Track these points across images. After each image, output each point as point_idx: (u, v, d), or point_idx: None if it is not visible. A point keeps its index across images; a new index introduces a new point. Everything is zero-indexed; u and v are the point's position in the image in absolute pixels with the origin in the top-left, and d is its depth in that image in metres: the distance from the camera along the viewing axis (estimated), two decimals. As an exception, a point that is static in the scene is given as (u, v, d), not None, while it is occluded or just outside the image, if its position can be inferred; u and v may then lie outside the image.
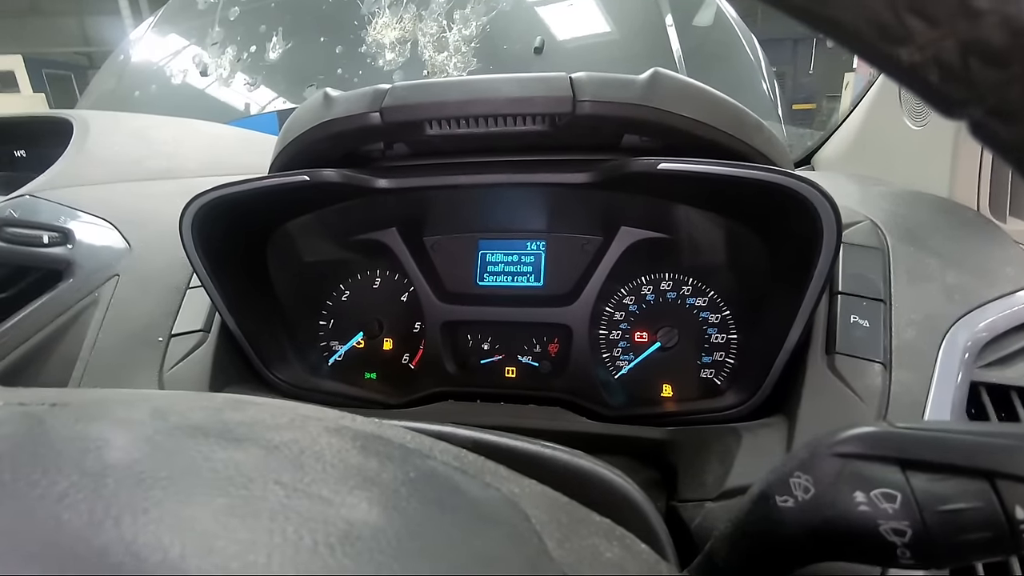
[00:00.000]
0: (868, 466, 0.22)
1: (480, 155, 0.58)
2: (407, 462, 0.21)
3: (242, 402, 0.24)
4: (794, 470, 0.24)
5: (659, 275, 0.60)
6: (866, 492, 0.22)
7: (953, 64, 0.11)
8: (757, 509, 0.25)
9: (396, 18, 1.55)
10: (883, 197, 0.61)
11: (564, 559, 0.19)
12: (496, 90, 0.49)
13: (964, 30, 0.11)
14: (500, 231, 0.65)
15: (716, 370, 0.58)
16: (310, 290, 0.68)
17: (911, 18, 0.11)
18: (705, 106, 0.49)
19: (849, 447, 0.23)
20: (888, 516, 0.21)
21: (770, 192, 0.46)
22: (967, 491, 0.21)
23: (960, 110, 0.12)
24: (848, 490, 0.22)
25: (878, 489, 0.22)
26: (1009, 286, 0.50)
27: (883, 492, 0.22)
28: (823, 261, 0.45)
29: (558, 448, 0.31)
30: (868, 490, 0.22)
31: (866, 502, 0.22)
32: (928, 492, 0.21)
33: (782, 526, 0.24)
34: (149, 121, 1.05)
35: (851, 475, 0.22)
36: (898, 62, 0.12)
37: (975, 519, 0.20)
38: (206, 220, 0.56)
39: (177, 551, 0.14)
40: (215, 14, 1.78)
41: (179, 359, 0.60)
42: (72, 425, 0.19)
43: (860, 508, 0.22)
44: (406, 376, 0.65)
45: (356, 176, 0.55)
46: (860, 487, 0.22)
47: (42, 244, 0.69)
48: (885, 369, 0.46)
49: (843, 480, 0.22)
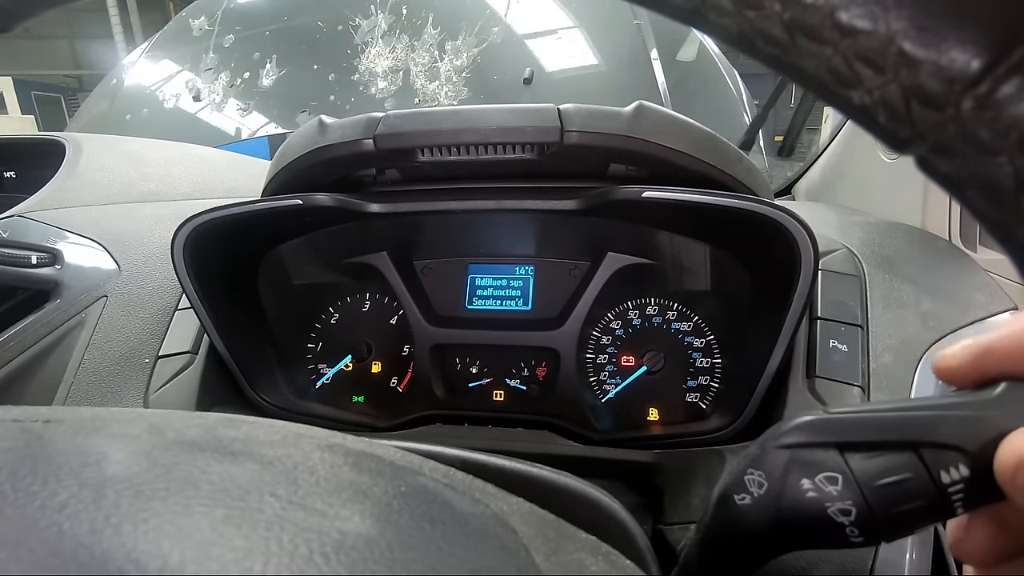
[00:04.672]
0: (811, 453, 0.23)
1: (470, 181, 0.59)
2: (398, 478, 0.22)
3: (235, 420, 0.24)
4: (747, 467, 0.25)
5: (645, 300, 0.62)
6: (811, 478, 0.23)
7: (897, 106, 0.13)
8: (719, 511, 0.26)
9: (389, 48, 1.59)
10: (859, 226, 0.63)
11: (551, 572, 0.19)
12: (487, 120, 0.50)
13: (904, 77, 0.12)
14: (489, 256, 0.66)
15: (701, 394, 0.59)
16: (299, 313, 0.68)
17: (860, 66, 0.13)
18: (688, 137, 0.51)
19: (792, 437, 0.24)
20: (833, 498, 0.22)
21: (751, 220, 0.48)
22: (897, 464, 0.22)
23: (906, 146, 0.13)
24: (796, 478, 0.23)
25: (822, 473, 0.23)
26: (981, 312, 0.52)
27: (826, 475, 0.23)
28: (802, 287, 0.47)
29: (545, 468, 0.32)
30: (813, 476, 0.23)
31: (813, 487, 0.23)
32: (864, 470, 0.22)
33: (744, 523, 0.25)
34: (141, 144, 1.05)
35: (797, 464, 0.23)
36: (851, 103, 0.13)
37: (909, 489, 0.21)
38: (198, 242, 0.57)
39: (177, 558, 0.14)
40: (210, 40, 1.81)
41: (166, 381, 0.60)
42: (70, 440, 0.20)
43: (808, 494, 0.23)
44: (394, 399, 0.65)
45: (349, 200, 0.56)
46: (806, 474, 0.23)
47: (30, 264, 0.69)
48: (863, 392, 0.47)
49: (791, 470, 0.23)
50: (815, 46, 0.13)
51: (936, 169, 0.13)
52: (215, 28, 1.82)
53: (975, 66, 0.12)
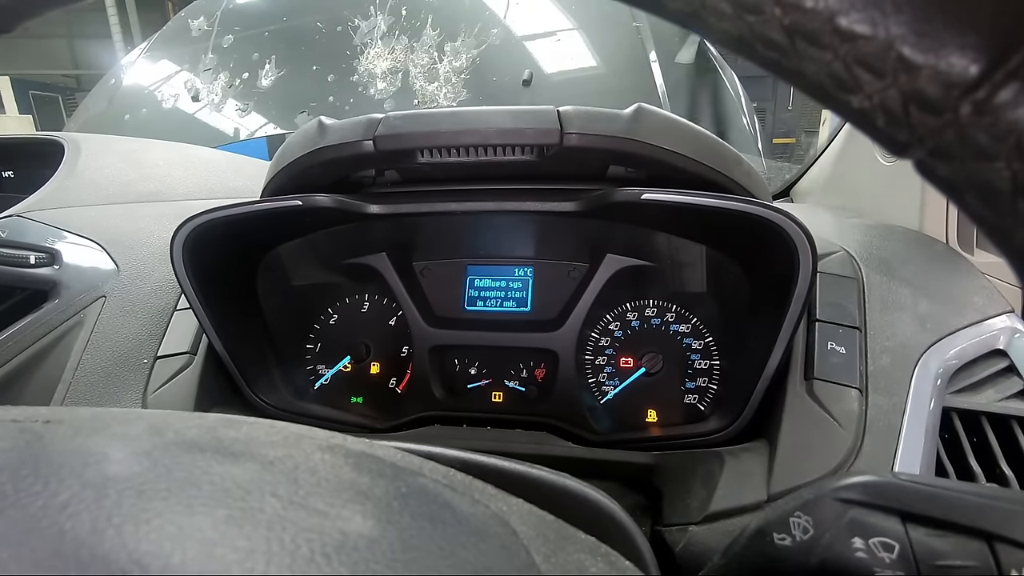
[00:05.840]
0: (869, 514, 0.23)
1: (470, 183, 0.59)
2: (398, 478, 0.22)
3: (235, 421, 0.24)
4: (795, 509, 0.24)
5: (644, 302, 0.62)
6: (865, 539, 0.22)
7: (896, 110, 0.13)
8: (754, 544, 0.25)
9: (388, 49, 1.59)
10: (857, 229, 0.64)
11: (551, 572, 0.19)
12: (487, 121, 0.50)
13: (904, 82, 0.12)
14: (488, 257, 0.66)
15: (700, 395, 0.59)
16: (298, 314, 0.68)
17: (859, 70, 0.13)
18: (686, 140, 0.51)
19: (852, 493, 0.23)
20: (885, 565, 0.22)
21: (749, 223, 0.48)
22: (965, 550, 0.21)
23: (905, 150, 0.14)
24: (847, 535, 0.22)
25: (877, 538, 0.22)
26: (977, 315, 0.52)
27: (882, 541, 0.22)
28: (800, 289, 0.47)
29: (544, 469, 0.32)
30: (867, 537, 0.22)
31: (864, 549, 0.22)
32: (926, 546, 0.21)
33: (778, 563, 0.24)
34: (140, 144, 1.05)
35: (852, 521, 0.23)
36: (850, 108, 0.14)
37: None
38: (197, 242, 0.57)
39: (178, 558, 0.14)
40: (209, 41, 1.81)
41: (164, 381, 0.60)
42: (70, 440, 0.20)
43: (858, 554, 0.22)
44: (393, 400, 0.65)
45: (348, 201, 0.57)
46: (859, 534, 0.22)
47: (29, 264, 0.68)
48: (861, 394, 0.48)
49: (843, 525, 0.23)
50: (815, 51, 0.13)
51: (934, 173, 0.13)
52: (214, 28, 1.82)
53: (973, 71, 0.12)
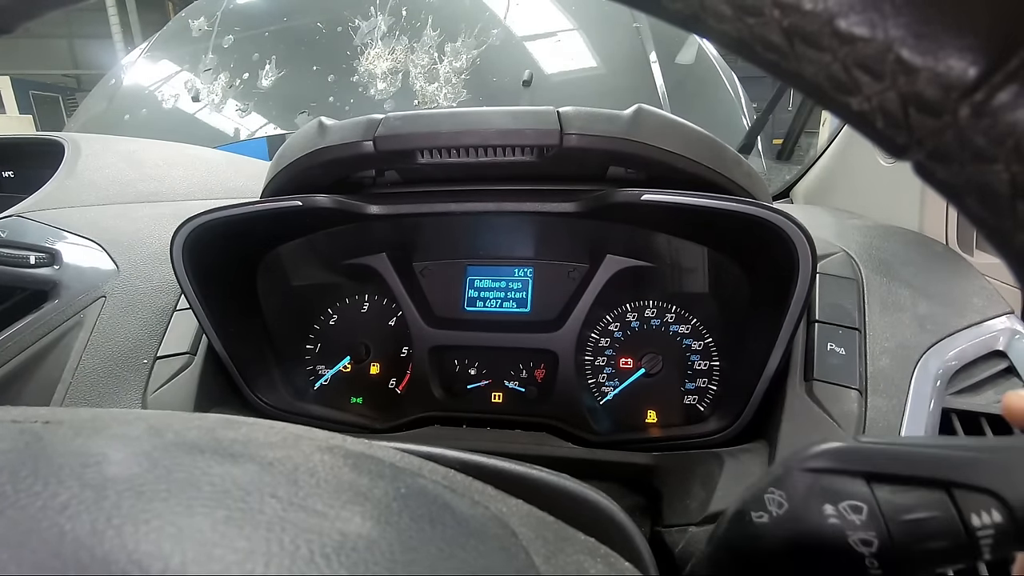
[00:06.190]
0: (837, 480, 0.23)
1: (470, 183, 0.59)
2: (397, 479, 0.22)
3: (235, 421, 0.25)
4: (768, 486, 0.25)
5: (643, 303, 0.62)
6: (835, 505, 0.23)
7: (895, 113, 0.13)
8: (735, 526, 0.26)
9: (388, 49, 1.59)
10: (857, 230, 0.64)
11: (550, 573, 0.19)
12: (487, 122, 0.50)
13: (902, 84, 0.12)
14: (488, 258, 0.66)
15: (699, 396, 0.59)
16: (298, 314, 0.68)
17: (858, 72, 0.13)
18: (686, 141, 0.51)
19: (819, 462, 0.24)
20: (856, 527, 0.22)
21: (749, 224, 0.48)
22: (927, 501, 0.22)
23: (904, 152, 0.14)
24: (818, 503, 0.23)
25: (846, 501, 0.23)
26: (977, 316, 0.52)
27: (850, 504, 0.23)
28: (799, 290, 0.47)
29: (544, 470, 0.32)
30: (837, 503, 0.23)
31: (835, 514, 0.23)
32: (891, 503, 0.22)
33: (758, 541, 0.25)
34: (140, 144, 1.05)
35: (821, 489, 0.23)
36: (849, 110, 0.14)
37: (936, 528, 0.21)
38: (197, 243, 0.57)
39: (178, 559, 0.14)
40: (209, 41, 1.81)
41: (164, 381, 0.60)
42: (70, 441, 0.20)
43: (830, 520, 0.23)
44: (393, 401, 0.65)
45: (348, 202, 0.57)
46: (829, 500, 0.23)
47: (28, 264, 0.68)
48: (861, 395, 0.48)
49: (814, 494, 0.23)
50: (814, 53, 0.13)
51: (933, 175, 0.13)
52: (214, 29, 1.82)
53: (972, 74, 0.12)
